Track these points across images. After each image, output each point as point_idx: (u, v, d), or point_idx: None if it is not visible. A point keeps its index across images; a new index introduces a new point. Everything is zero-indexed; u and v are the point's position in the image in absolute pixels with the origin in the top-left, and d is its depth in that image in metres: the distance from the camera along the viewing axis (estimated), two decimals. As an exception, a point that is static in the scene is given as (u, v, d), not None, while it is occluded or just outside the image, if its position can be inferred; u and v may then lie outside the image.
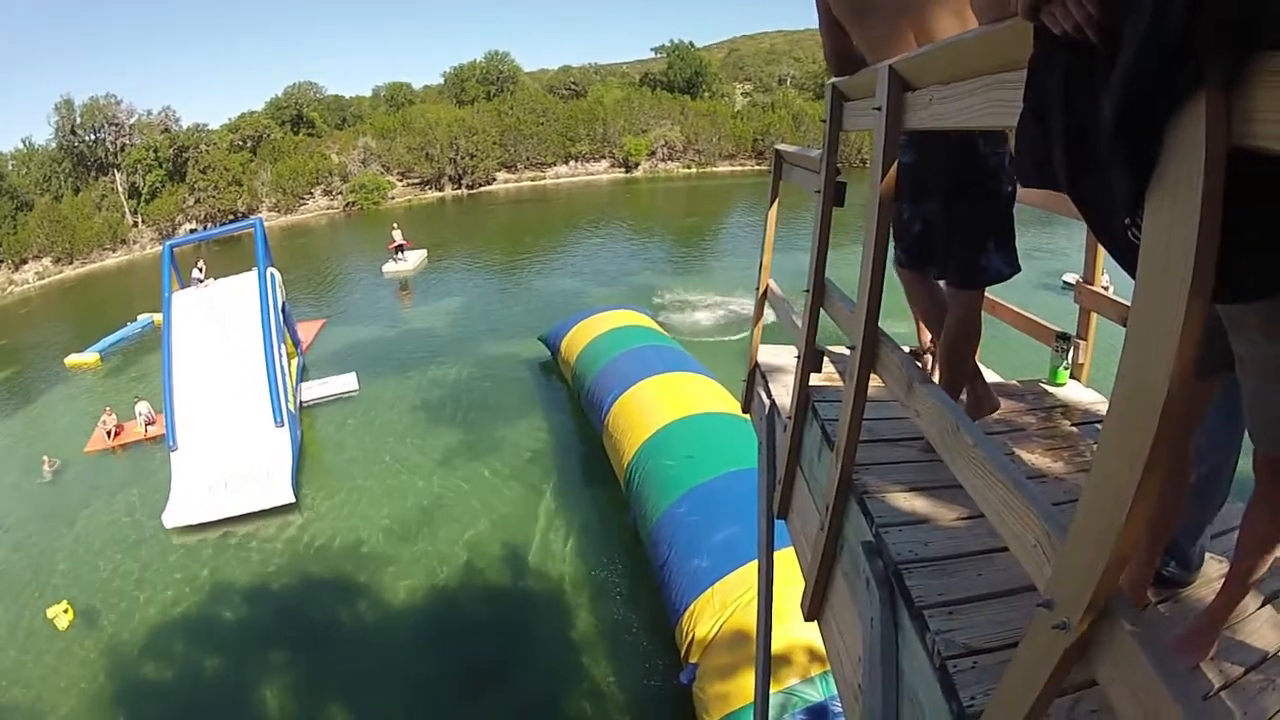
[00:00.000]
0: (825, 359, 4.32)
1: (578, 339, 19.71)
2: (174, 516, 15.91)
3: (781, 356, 5.54)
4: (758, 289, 5.69)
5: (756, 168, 67.97)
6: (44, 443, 21.06)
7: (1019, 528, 1.72)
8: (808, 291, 3.76)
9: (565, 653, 11.50)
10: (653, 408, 14.67)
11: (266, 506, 15.98)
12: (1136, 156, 1.20)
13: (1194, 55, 1.05)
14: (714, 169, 72.26)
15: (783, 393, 4.85)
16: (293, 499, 16.11)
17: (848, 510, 3.24)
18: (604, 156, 73.72)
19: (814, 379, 4.02)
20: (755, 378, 5.60)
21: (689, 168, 72.61)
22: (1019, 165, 1.57)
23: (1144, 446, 1.20)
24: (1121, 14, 1.19)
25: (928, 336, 4.52)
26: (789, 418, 4.19)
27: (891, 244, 3.37)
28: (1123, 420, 1.28)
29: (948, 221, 3.43)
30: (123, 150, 61.89)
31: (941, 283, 3.76)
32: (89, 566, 15.01)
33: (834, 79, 3.44)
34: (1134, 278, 1.27)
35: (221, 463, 17.15)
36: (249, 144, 67.63)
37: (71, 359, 29.35)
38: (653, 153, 72.93)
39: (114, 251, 57.52)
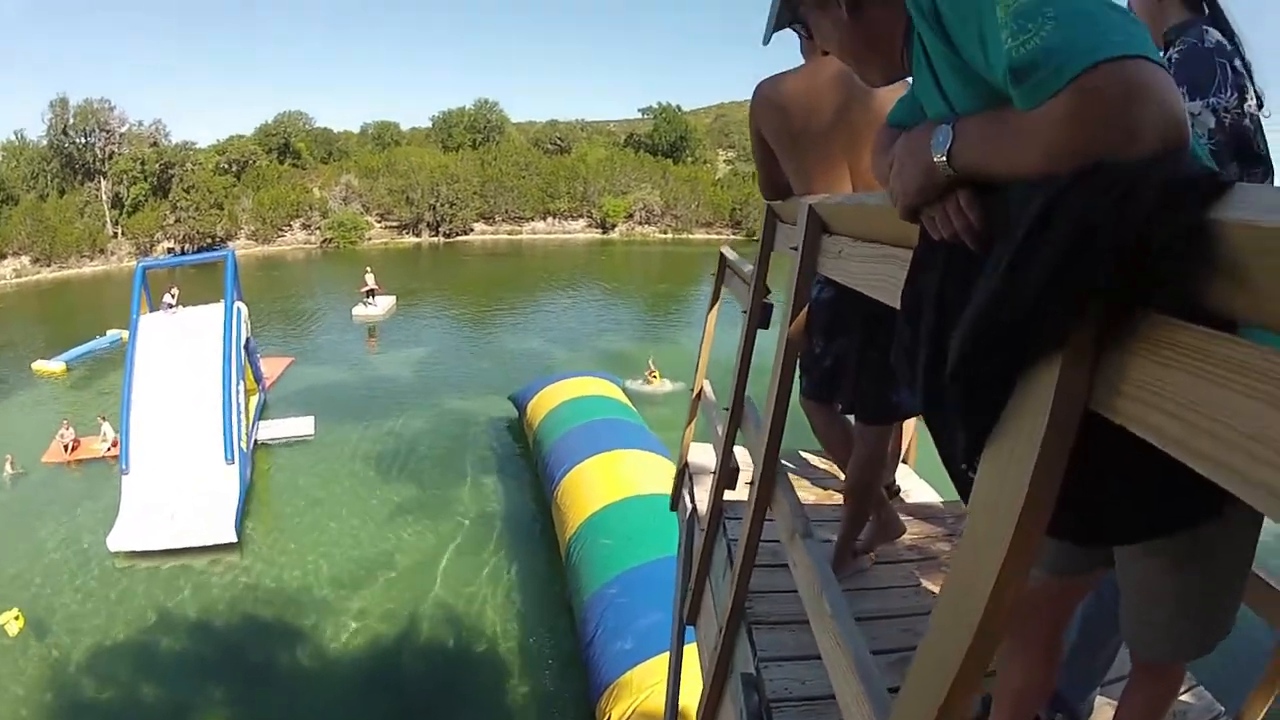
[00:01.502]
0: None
1: (543, 403, 19.81)
2: (119, 540, 15.89)
3: (713, 459, 5.42)
4: (693, 389, 5.75)
5: (733, 237, 68.22)
6: (2, 445, 20.92)
7: (854, 706, 1.76)
8: (727, 409, 3.77)
9: (493, 717, 11.58)
10: (600, 484, 14.81)
11: (209, 543, 15.88)
12: (974, 408, 1.09)
13: (1053, 311, 0.91)
14: (690, 236, 72.61)
15: (705, 498, 4.62)
16: (235, 539, 16.02)
17: (738, 636, 3.27)
18: (582, 215, 74.16)
19: (734, 494, 3.97)
20: (684, 478, 5.63)
21: (665, 233, 73.07)
22: (895, 360, 1.44)
23: (954, 665, 1.15)
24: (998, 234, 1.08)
25: (894, 473, 4.69)
26: (703, 529, 4.19)
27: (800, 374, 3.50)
28: (939, 637, 1.22)
29: (860, 357, 3.42)
30: (111, 158, 62.02)
31: (850, 417, 3.74)
32: (40, 576, 15.11)
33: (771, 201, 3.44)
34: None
35: (170, 492, 17.10)
36: (234, 168, 67.79)
37: (39, 365, 29.36)
38: (631, 215, 73.37)
39: (92, 260, 57.60)
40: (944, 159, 1.15)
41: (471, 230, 70.46)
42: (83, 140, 61.89)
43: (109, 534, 16.06)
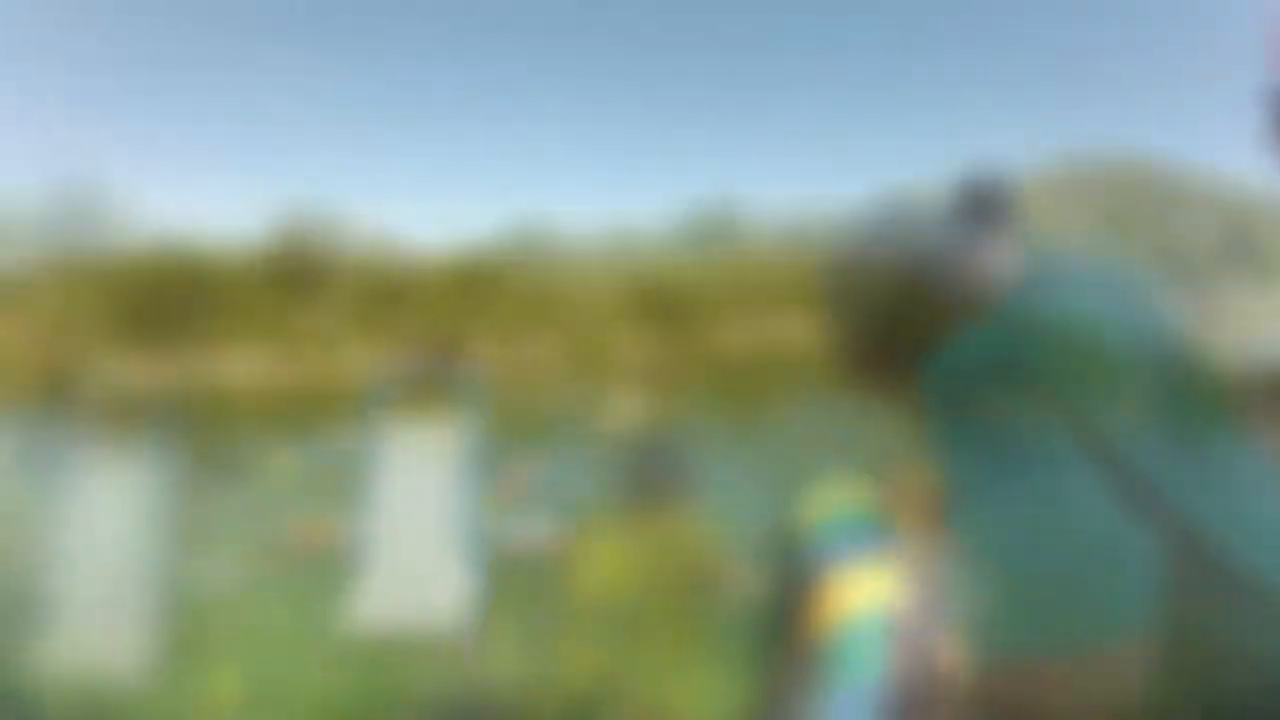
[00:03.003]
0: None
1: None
2: (358, 616, 15.85)
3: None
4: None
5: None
6: (232, 529, 21.87)
7: None
8: None
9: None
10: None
11: (446, 628, 15.54)
12: None
13: None
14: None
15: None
16: (472, 629, 15.57)
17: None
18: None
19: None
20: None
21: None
22: None
23: None
24: None
25: None
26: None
27: None
28: None
29: None
30: (337, 269, 64.77)
31: None
32: (269, 638, 15.53)
33: None
34: None
35: (408, 580, 17.00)
36: (469, 280, 69.22)
37: (273, 458, 30.34)
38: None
39: (326, 364, 59.82)
40: None
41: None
42: (308, 252, 65.13)
43: (349, 609, 16.03)
